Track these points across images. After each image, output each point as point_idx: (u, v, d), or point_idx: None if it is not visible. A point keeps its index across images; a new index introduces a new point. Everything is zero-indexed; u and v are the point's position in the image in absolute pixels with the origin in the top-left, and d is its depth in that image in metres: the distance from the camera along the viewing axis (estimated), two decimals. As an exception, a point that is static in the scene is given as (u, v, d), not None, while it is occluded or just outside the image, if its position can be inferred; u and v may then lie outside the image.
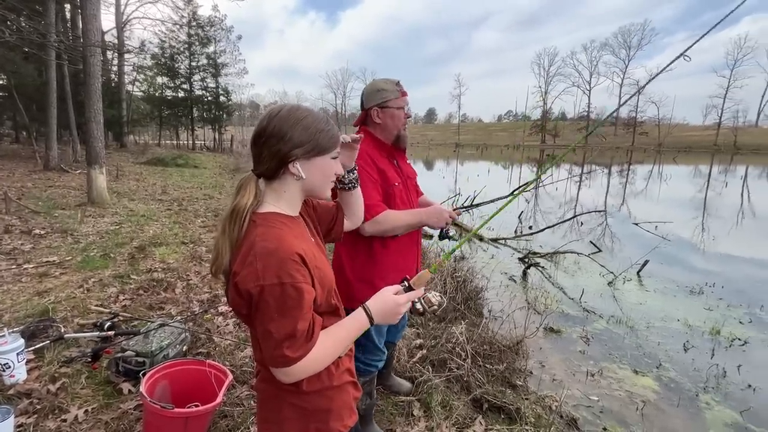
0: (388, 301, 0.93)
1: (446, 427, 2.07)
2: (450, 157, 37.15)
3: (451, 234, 1.72)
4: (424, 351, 2.69)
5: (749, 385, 2.83)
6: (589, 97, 68.81)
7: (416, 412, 2.17)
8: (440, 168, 24.48)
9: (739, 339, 3.48)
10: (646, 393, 2.72)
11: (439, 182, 15.08)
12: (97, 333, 2.48)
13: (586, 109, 69.99)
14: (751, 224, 8.86)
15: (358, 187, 1.16)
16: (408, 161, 1.84)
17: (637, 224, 7.72)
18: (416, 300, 0.99)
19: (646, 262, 5.13)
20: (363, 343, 1.70)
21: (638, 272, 5.07)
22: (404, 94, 1.64)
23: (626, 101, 1.98)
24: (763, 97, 60.17)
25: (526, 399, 2.37)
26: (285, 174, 0.90)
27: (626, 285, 4.75)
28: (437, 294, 1.02)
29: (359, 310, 0.92)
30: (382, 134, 1.67)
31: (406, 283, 0.98)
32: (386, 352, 1.83)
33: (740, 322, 3.83)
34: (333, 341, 0.89)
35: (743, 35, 67.14)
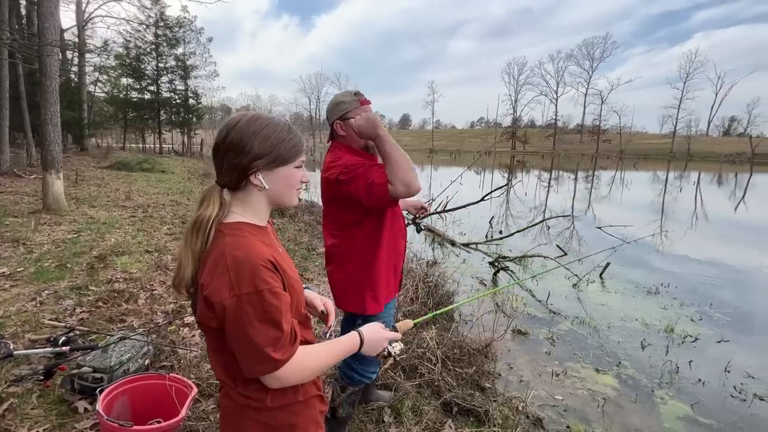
0: (379, 332, 1.05)
1: (416, 432, 2.09)
2: (424, 162, 37.61)
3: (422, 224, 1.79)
4: (390, 361, 2.71)
5: (699, 380, 3.01)
6: (556, 105, 71.66)
7: (387, 419, 2.18)
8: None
9: (691, 336, 3.71)
10: (607, 391, 2.84)
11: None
12: (51, 349, 2.34)
13: (554, 117, 72.80)
14: (703, 226, 9.48)
15: None
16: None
17: (600, 228, 8.09)
18: (390, 344, 1.10)
19: (608, 264, 5.37)
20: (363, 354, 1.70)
21: (601, 274, 5.31)
22: (364, 102, 1.63)
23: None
24: (712, 107, 64.70)
25: (494, 401, 2.42)
26: (248, 185, 0.89)
27: (590, 287, 4.96)
28: (401, 344, 1.15)
29: (354, 334, 1.00)
30: (351, 145, 1.67)
31: (392, 325, 1.15)
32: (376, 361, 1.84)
33: (692, 320, 4.08)
34: (326, 354, 0.93)
35: (694, 50, 72.15)
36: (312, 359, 0.89)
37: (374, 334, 1.03)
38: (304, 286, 1.18)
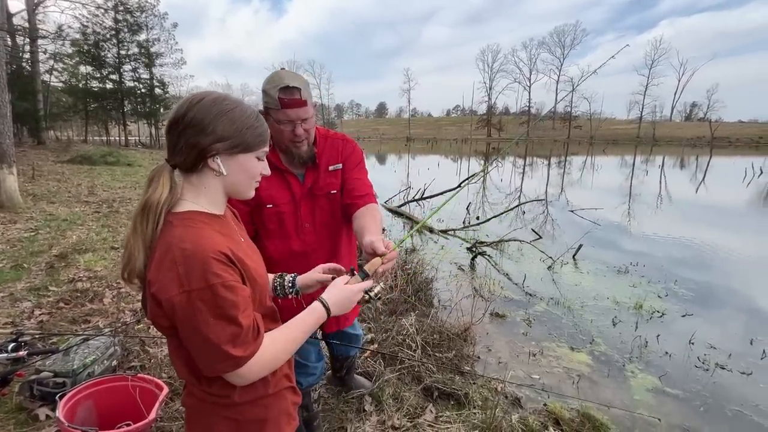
0: (344, 290, 0.94)
1: (398, 418, 2.09)
2: (401, 151, 37.60)
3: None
4: (375, 345, 2.69)
5: (666, 353, 3.15)
6: (529, 92, 73.03)
7: (368, 407, 2.16)
8: (392, 162, 24.68)
9: (658, 311, 3.87)
10: (581, 367, 2.93)
11: (391, 176, 15.18)
12: (6, 355, 2.19)
13: (527, 104, 74.13)
14: (668, 208, 9.92)
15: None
16: (334, 166, 1.48)
17: (572, 211, 8.32)
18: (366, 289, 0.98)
19: (581, 246, 5.53)
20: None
21: (574, 256, 5.46)
22: (288, 105, 1.26)
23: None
24: (675, 94, 67.51)
25: (474, 383, 2.45)
26: (204, 168, 0.81)
27: (563, 268, 5.10)
28: (378, 284, 1.02)
29: (316, 303, 0.90)
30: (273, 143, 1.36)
31: (355, 272, 0.99)
32: (314, 365, 1.75)
33: (659, 296, 4.26)
34: (285, 337, 0.85)
35: (659, 38, 74.65)
36: (270, 348, 0.82)
37: (339, 293, 0.93)
38: (293, 275, 1.11)
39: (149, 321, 0.80)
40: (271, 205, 1.41)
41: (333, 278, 1.02)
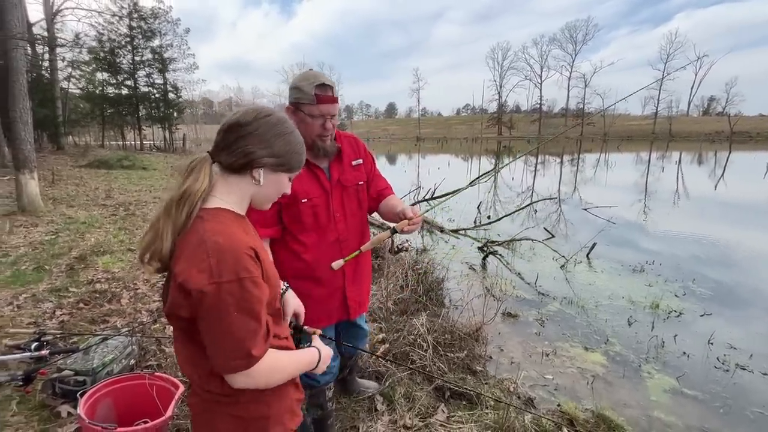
0: (329, 353, 1.05)
1: (410, 418, 2.09)
2: (411, 151, 37.54)
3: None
4: (387, 345, 2.70)
5: (684, 353, 3.08)
6: (540, 89, 71.98)
7: (379, 407, 2.17)
8: (402, 162, 24.66)
9: (675, 311, 3.79)
10: (596, 368, 2.89)
11: (401, 176, 15.17)
12: (29, 354, 2.26)
13: (538, 102, 73.15)
14: (685, 205, 9.69)
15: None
16: (356, 161, 1.64)
17: (586, 209, 8.19)
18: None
19: (594, 244, 5.45)
20: None
21: (587, 255, 5.38)
22: (323, 101, 1.38)
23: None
24: (692, 88, 65.81)
25: (486, 383, 2.44)
26: (246, 174, 0.87)
27: (577, 267, 5.02)
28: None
29: (314, 350, 1.00)
30: None
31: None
32: (332, 365, 1.75)
33: (676, 296, 4.16)
34: (289, 364, 0.90)
35: (674, 31, 72.89)
36: (280, 365, 0.87)
37: (327, 352, 1.04)
38: (284, 285, 1.15)
39: (168, 313, 0.82)
40: (306, 200, 1.49)
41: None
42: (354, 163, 1.63)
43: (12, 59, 6.08)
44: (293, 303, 1.17)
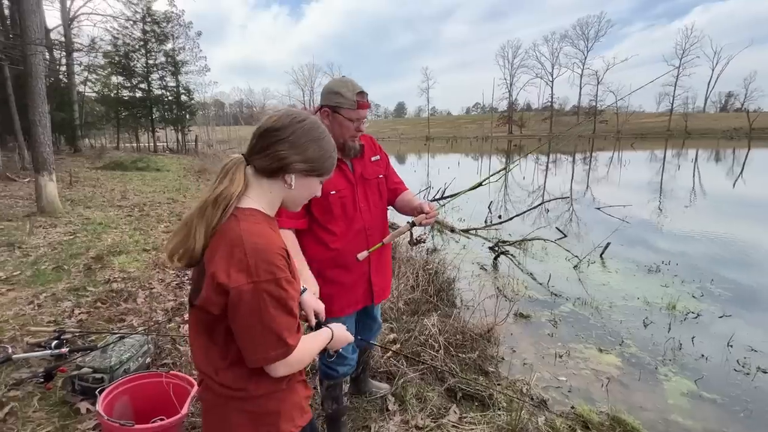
0: (344, 331, 1.11)
1: (421, 418, 2.09)
2: (421, 150, 37.44)
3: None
4: (398, 345, 2.70)
5: (702, 355, 3.02)
6: (552, 87, 71.00)
7: (391, 407, 2.17)
8: (412, 162, 24.61)
9: (693, 312, 3.71)
10: (610, 370, 2.84)
11: (411, 176, 15.15)
12: (50, 351, 2.33)
13: (550, 100, 72.23)
14: (702, 203, 9.47)
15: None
16: (375, 157, 1.78)
17: (599, 209, 8.07)
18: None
19: (608, 244, 5.36)
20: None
21: (601, 255, 5.30)
22: (363, 106, 1.55)
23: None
24: (708, 84, 64.27)
25: (498, 384, 2.42)
26: (278, 178, 0.89)
27: (590, 267, 4.95)
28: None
29: (326, 330, 1.07)
30: None
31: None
32: (351, 357, 1.79)
33: (693, 297, 4.07)
34: (311, 345, 0.97)
35: (690, 26, 71.24)
36: (306, 348, 0.93)
37: (340, 330, 1.10)
38: (302, 287, 1.20)
39: (200, 306, 0.84)
40: (335, 192, 1.60)
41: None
42: (373, 159, 1.77)
43: (31, 64, 6.23)
44: (312, 303, 1.21)
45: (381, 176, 1.78)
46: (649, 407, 2.46)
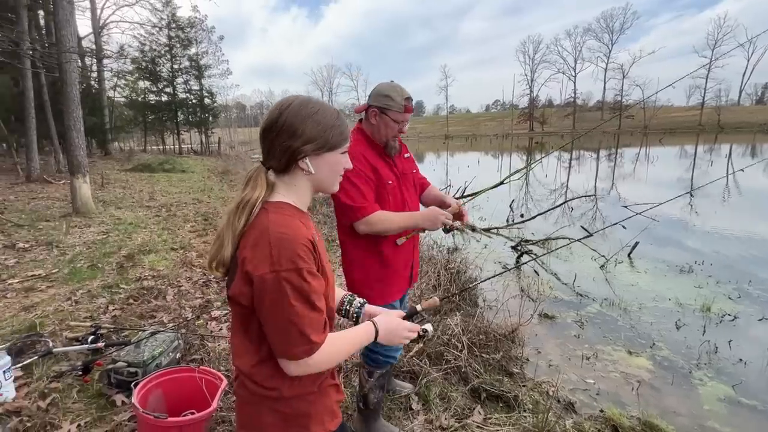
0: (395, 323, 1.02)
1: (445, 418, 2.08)
2: (440, 149, 37.16)
3: (456, 226, 1.74)
4: (421, 344, 2.69)
5: (740, 359, 2.88)
6: (574, 82, 69.10)
7: (415, 406, 2.17)
8: (431, 160, 24.47)
9: (729, 314, 3.54)
10: (641, 373, 2.75)
11: (430, 175, 15.05)
12: (87, 346, 2.43)
13: (572, 95, 70.34)
14: (737, 201, 9.02)
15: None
16: (407, 154, 1.92)
17: (626, 207, 7.80)
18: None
19: (637, 243, 5.18)
20: None
21: (629, 254, 5.13)
22: (408, 110, 1.69)
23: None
24: (743, 75, 61.12)
25: (524, 386, 2.38)
26: (295, 169, 0.89)
27: (618, 267, 4.80)
28: (430, 324, 1.11)
29: (369, 324, 0.99)
30: (373, 135, 1.74)
31: (416, 310, 1.16)
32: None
33: (729, 298, 3.89)
34: (344, 343, 0.92)
35: (723, 15, 67.86)
36: (336, 347, 0.89)
37: (390, 324, 1.01)
38: (363, 300, 1.15)
39: (231, 297, 0.86)
40: (390, 182, 1.76)
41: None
42: (406, 155, 1.92)
43: (66, 72, 6.54)
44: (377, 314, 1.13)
45: (415, 171, 1.95)
46: (683, 412, 2.36)
